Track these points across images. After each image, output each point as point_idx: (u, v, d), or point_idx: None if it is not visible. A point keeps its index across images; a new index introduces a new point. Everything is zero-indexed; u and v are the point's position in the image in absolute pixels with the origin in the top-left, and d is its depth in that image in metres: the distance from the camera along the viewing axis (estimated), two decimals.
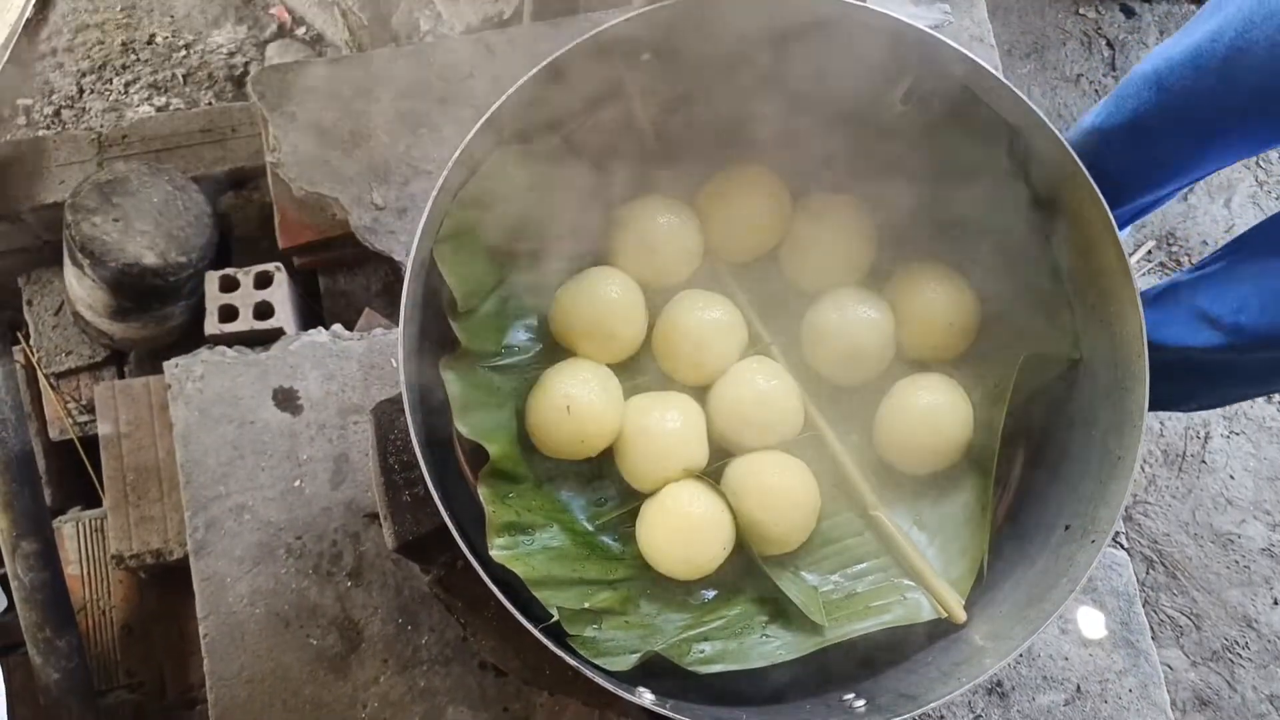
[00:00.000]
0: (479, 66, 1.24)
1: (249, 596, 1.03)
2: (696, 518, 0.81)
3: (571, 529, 0.84)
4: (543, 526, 0.82)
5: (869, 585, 0.84)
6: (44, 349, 1.36)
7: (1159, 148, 1.20)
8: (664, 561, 0.82)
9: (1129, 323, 0.76)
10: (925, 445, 0.85)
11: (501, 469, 0.82)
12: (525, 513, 0.81)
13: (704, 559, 0.81)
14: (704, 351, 0.87)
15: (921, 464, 0.87)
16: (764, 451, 0.86)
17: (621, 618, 0.80)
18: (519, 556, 0.77)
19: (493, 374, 0.86)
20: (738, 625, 0.82)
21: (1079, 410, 0.83)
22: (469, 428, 0.80)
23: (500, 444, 0.82)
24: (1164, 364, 1.24)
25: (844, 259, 0.91)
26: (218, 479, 1.06)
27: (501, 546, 0.77)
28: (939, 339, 0.89)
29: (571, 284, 0.88)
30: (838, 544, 0.86)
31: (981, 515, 0.84)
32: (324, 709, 0.99)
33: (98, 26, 1.79)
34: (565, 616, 0.76)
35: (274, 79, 1.23)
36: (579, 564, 0.82)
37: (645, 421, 0.85)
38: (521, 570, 0.76)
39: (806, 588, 0.83)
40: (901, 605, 0.81)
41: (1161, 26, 2.03)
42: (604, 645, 0.77)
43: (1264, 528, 1.75)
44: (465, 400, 0.81)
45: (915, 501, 0.87)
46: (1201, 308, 1.19)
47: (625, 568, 0.84)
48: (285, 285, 1.21)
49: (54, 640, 1.15)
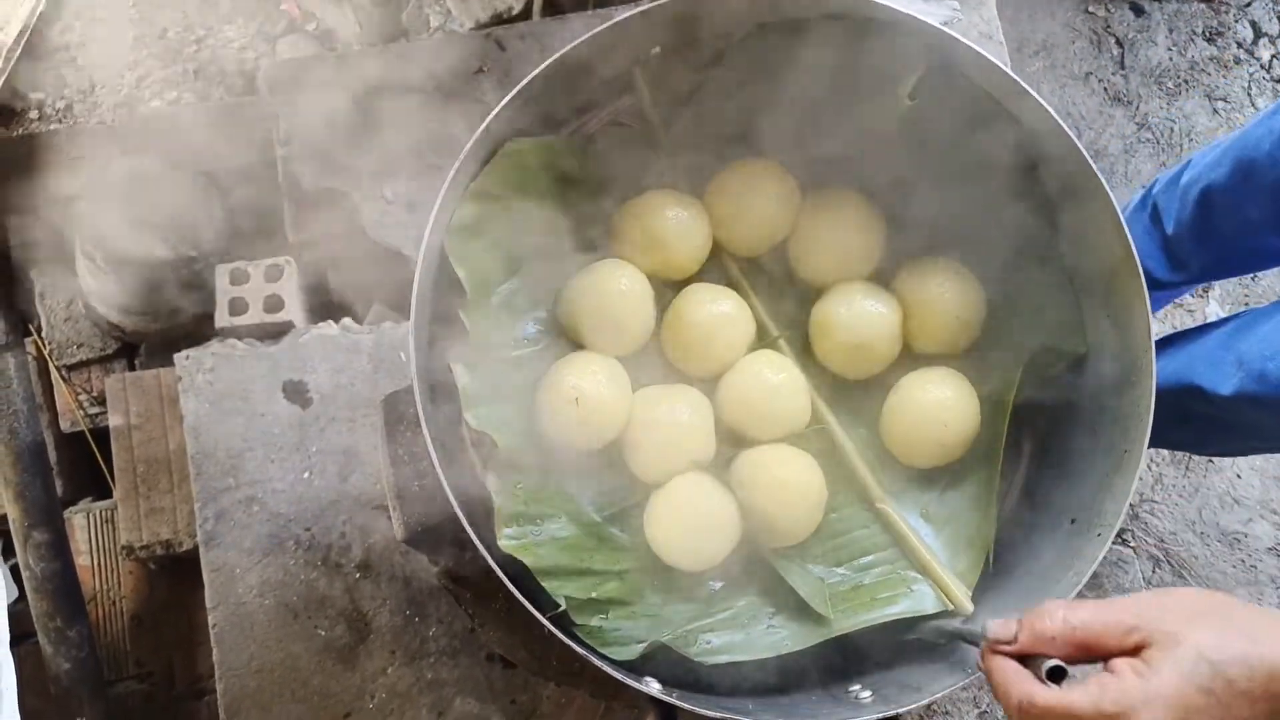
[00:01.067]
0: (488, 62, 1.24)
1: (258, 587, 1.03)
2: (703, 510, 0.82)
3: (579, 520, 0.85)
4: (550, 517, 0.83)
5: (875, 577, 0.84)
6: (55, 341, 1.37)
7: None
8: (671, 553, 0.82)
9: (1136, 318, 0.76)
10: (931, 439, 0.86)
11: (510, 460, 0.82)
12: (533, 503, 0.82)
13: (711, 550, 0.82)
14: (712, 343, 0.88)
15: (928, 458, 0.87)
16: (771, 444, 0.86)
17: (628, 608, 0.81)
18: (527, 546, 0.78)
19: (502, 366, 0.86)
20: (744, 617, 0.82)
21: (1086, 405, 0.83)
22: (478, 419, 0.81)
23: (508, 435, 0.82)
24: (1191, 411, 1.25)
25: (852, 253, 0.91)
26: (227, 471, 1.07)
27: (510, 537, 0.78)
28: (946, 333, 0.89)
29: (580, 277, 0.88)
30: (844, 536, 0.87)
31: (988, 507, 0.85)
32: (332, 699, 1.00)
33: (109, 21, 1.79)
34: (572, 606, 0.76)
35: (284, 73, 1.23)
36: (586, 554, 0.82)
37: (653, 413, 0.85)
38: (529, 560, 0.76)
39: (813, 580, 0.83)
40: (908, 597, 0.82)
41: (1171, 25, 2.03)
42: (610, 635, 0.78)
43: (1271, 527, 1.75)
44: (474, 392, 0.81)
45: (922, 494, 0.88)
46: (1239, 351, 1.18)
47: (632, 559, 0.84)
48: (295, 279, 1.21)
49: (64, 630, 1.15)
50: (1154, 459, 1.78)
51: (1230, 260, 1.39)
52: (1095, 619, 0.53)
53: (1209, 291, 1.88)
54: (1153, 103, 1.98)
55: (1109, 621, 0.53)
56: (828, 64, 0.84)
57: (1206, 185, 1.28)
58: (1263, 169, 1.17)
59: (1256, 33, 2.04)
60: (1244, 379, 1.13)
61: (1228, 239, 1.32)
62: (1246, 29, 2.04)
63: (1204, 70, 2.01)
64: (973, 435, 0.86)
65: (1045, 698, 0.51)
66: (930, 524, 0.86)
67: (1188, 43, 2.02)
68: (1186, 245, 1.37)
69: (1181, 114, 1.97)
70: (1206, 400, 1.19)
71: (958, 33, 0.80)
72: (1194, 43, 2.03)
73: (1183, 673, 0.49)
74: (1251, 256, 1.36)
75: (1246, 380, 1.12)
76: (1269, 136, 1.16)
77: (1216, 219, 1.31)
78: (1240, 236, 1.30)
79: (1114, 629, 0.52)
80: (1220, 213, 1.29)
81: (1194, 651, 0.49)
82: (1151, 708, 0.49)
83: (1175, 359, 1.31)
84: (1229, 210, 1.27)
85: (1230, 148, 1.24)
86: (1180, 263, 1.42)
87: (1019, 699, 0.52)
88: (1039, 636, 0.54)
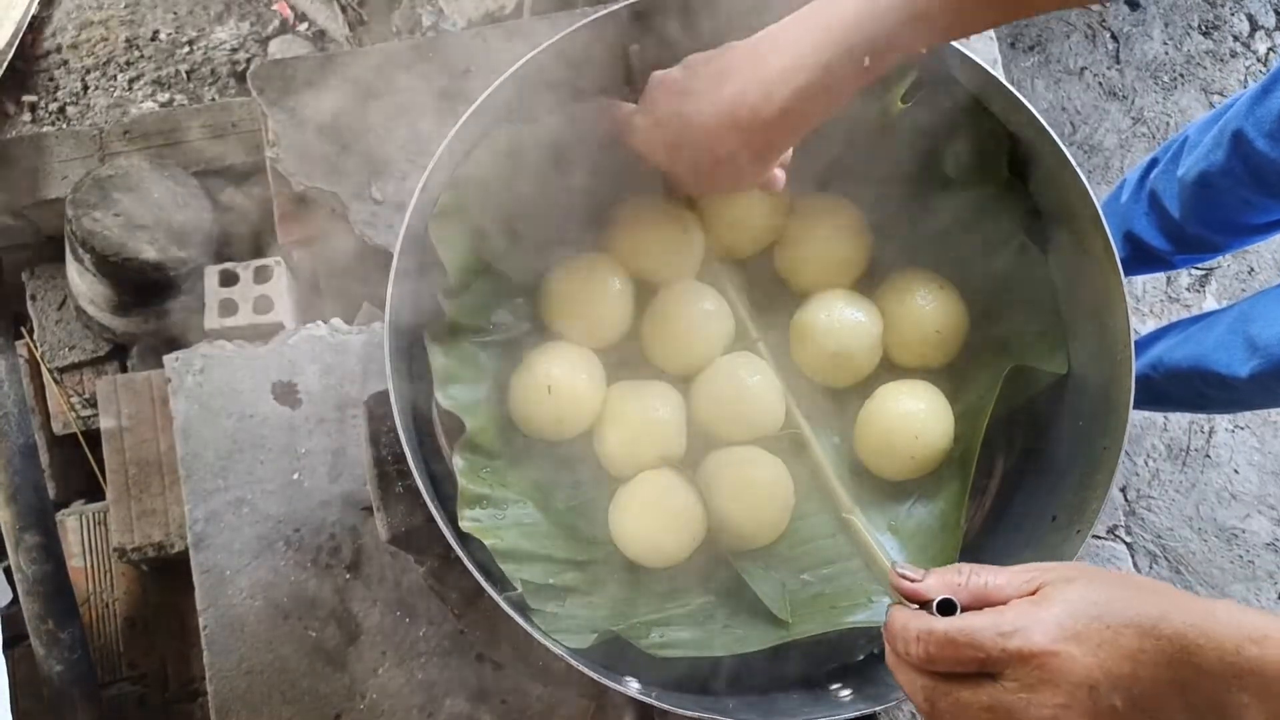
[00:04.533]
0: (479, 62, 1.24)
1: (248, 589, 1.03)
2: (669, 506, 0.82)
3: (545, 508, 0.84)
4: (515, 503, 0.82)
5: (837, 587, 0.83)
6: (47, 343, 1.37)
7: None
8: (633, 546, 0.82)
9: (1117, 316, 0.76)
10: (902, 451, 0.84)
11: (479, 444, 0.82)
12: (500, 488, 0.82)
13: (673, 547, 0.82)
14: (690, 338, 0.87)
15: (898, 470, 0.86)
16: (741, 446, 0.86)
17: (586, 598, 0.80)
18: (489, 529, 0.78)
19: (478, 349, 0.86)
20: (701, 615, 0.82)
21: (1066, 402, 0.83)
22: (449, 400, 0.80)
23: (479, 418, 0.82)
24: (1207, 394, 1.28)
25: (837, 260, 0.91)
26: (217, 472, 1.07)
27: (472, 519, 0.77)
28: (926, 346, 0.88)
29: (560, 267, 0.88)
30: (810, 544, 0.86)
31: (955, 526, 0.83)
32: (323, 700, 1.00)
33: (101, 23, 1.80)
34: (529, 590, 0.76)
35: (274, 74, 1.23)
36: (549, 542, 0.82)
37: (625, 407, 0.85)
38: (490, 541, 0.76)
39: (774, 583, 0.82)
40: (866, 608, 0.81)
41: (1166, 19, 2.02)
42: (565, 622, 0.77)
43: (1268, 522, 1.75)
44: (448, 372, 0.82)
45: (891, 507, 0.87)
46: (1250, 334, 1.20)
47: (595, 551, 0.84)
48: (285, 280, 1.21)
49: (57, 632, 1.16)
50: (1150, 455, 1.78)
51: (1237, 234, 1.40)
52: (1000, 573, 0.57)
53: (1206, 286, 1.88)
54: (1148, 97, 1.98)
55: (1013, 572, 0.56)
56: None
57: (1205, 169, 1.28)
58: (1263, 150, 1.18)
59: (1252, 26, 2.04)
60: (1261, 362, 1.15)
61: (1231, 216, 1.33)
62: (1242, 22, 2.04)
63: (1200, 64, 2.00)
64: (944, 451, 0.85)
65: (944, 624, 0.54)
66: (896, 538, 0.85)
67: (1183, 36, 2.02)
68: (1191, 227, 1.38)
69: (1177, 108, 1.97)
70: (1223, 383, 1.25)
71: None
72: (1190, 36, 2.02)
73: (1075, 598, 0.53)
74: (1256, 232, 1.37)
75: (1265, 363, 1.16)
76: (1267, 118, 1.16)
77: (1219, 200, 1.31)
78: (1244, 213, 1.31)
79: (1016, 578, 0.56)
80: (1222, 195, 1.29)
81: (1087, 585, 0.53)
82: (1044, 625, 0.51)
83: (1184, 347, 1.33)
84: (1229, 191, 1.27)
85: (1225, 127, 1.24)
86: (1185, 242, 1.42)
87: (917, 631, 0.55)
88: (946, 582, 0.57)
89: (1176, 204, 1.37)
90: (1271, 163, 1.18)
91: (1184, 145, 1.36)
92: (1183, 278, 1.87)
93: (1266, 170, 1.19)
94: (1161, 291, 1.86)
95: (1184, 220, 1.37)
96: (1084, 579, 0.54)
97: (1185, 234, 1.40)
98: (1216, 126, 1.27)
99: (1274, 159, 1.17)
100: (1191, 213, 1.35)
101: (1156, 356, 1.41)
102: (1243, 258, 1.89)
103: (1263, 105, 1.17)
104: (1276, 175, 1.19)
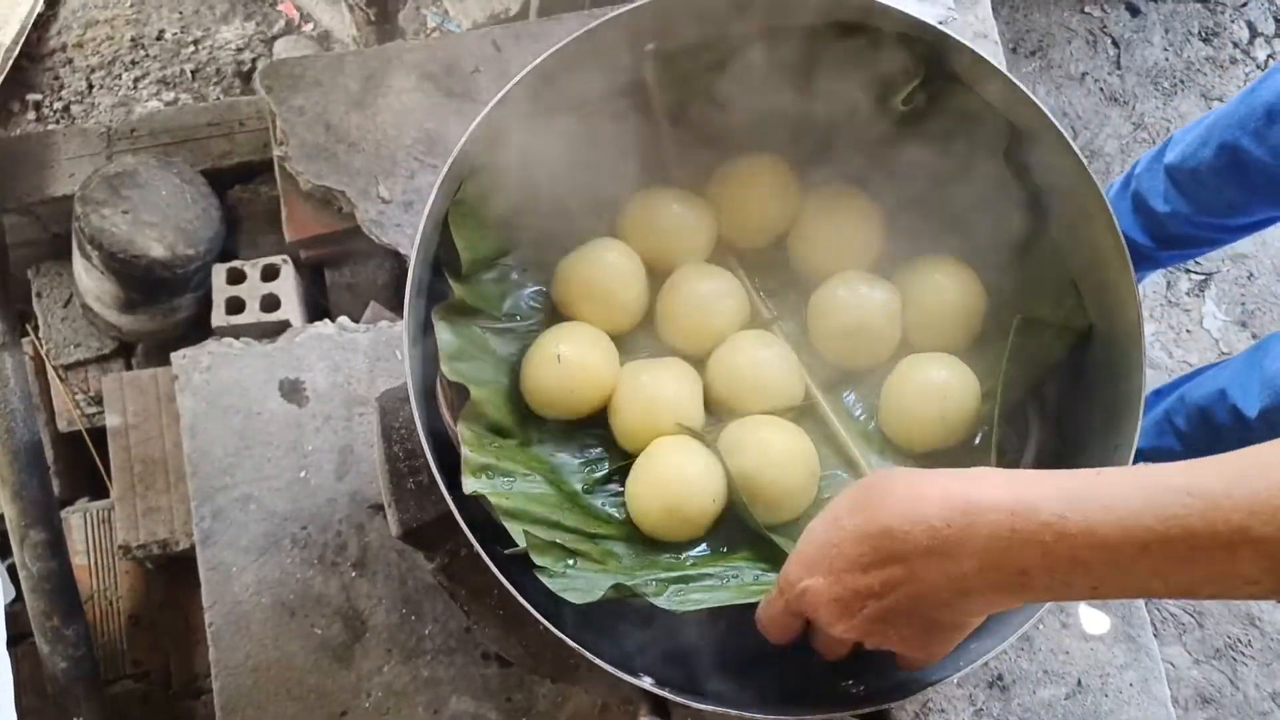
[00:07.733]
0: (485, 62, 1.25)
1: (254, 586, 1.03)
2: (687, 468, 0.79)
3: (557, 484, 0.82)
4: (524, 475, 0.80)
5: None
6: (53, 341, 1.37)
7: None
8: (651, 515, 0.80)
9: (1127, 313, 0.76)
10: (933, 411, 0.83)
11: (484, 414, 0.80)
12: (507, 460, 0.79)
13: (693, 511, 0.79)
14: (705, 316, 0.87)
15: (927, 436, 0.85)
16: (763, 415, 0.85)
17: (598, 565, 0.77)
18: (495, 492, 0.75)
19: (489, 335, 0.86)
20: (728, 575, 0.79)
21: (1076, 401, 0.83)
22: (455, 372, 0.79)
23: (485, 391, 0.81)
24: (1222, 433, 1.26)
25: (851, 248, 0.91)
26: (224, 470, 1.07)
27: (477, 484, 0.75)
28: (946, 329, 0.88)
29: (575, 252, 0.89)
30: None
31: None
32: (328, 698, 1.00)
33: (107, 22, 1.80)
34: (534, 546, 0.72)
35: (281, 73, 1.24)
36: (559, 511, 0.79)
37: (640, 379, 0.84)
38: (495, 499, 0.74)
39: None
40: None
41: (1167, 25, 2.03)
42: (573, 580, 0.73)
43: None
44: (456, 350, 0.80)
45: None
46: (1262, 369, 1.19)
47: (610, 528, 0.82)
48: (292, 278, 1.21)
49: (61, 629, 1.15)
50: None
51: (1223, 231, 1.40)
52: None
53: (1205, 290, 1.88)
54: (1149, 103, 1.99)
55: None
56: (826, 61, 0.84)
57: (1193, 166, 1.29)
58: (1247, 148, 1.19)
59: (1252, 32, 2.05)
60: (1271, 397, 1.14)
61: (1216, 214, 1.34)
62: (1242, 29, 2.05)
63: (1200, 70, 2.01)
64: (974, 411, 0.84)
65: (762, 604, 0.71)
66: None
67: (1184, 43, 2.03)
68: (1176, 223, 1.38)
69: (1177, 114, 1.98)
70: (1240, 420, 1.21)
71: (953, 32, 0.81)
72: (1190, 43, 2.03)
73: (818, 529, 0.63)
74: (1240, 230, 1.38)
75: (1274, 398, 1.14)
76: (1252, 116, 1.17)
77: (1205, 198, 1.32)
78: (1229, 213, 1.32)
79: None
80: (1208, 192, 1.30)
81: (821, 516, 0.64)
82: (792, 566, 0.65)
83: (1214, 380, 1.31)
84: (1216, 189, 1.28)
85: (1213, 126, 1.25)
86: (1169, 240, 1.43)
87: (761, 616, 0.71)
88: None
89: (1161, 199, 1.37)
90: (1256, 160, 1.19)
91: (1168, 143, 1.37)
92: (1182, 282, 1.88)
93: (1250, 167, 1.20)
94: (1161, 296, 1.87)
95: (1168, 217, 1.38)
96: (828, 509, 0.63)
97: (1169, 231, 1.40)
98: (1204, 124, 1.28)
99: (1258, 156, 1.18)
100: (1176, 207, 1.36)
101: (1179, 396, 1.39)
102: (1241, 263, 1.90)
103: (1248, 103, 1.18)
104: (1260, 172, 1.20)
